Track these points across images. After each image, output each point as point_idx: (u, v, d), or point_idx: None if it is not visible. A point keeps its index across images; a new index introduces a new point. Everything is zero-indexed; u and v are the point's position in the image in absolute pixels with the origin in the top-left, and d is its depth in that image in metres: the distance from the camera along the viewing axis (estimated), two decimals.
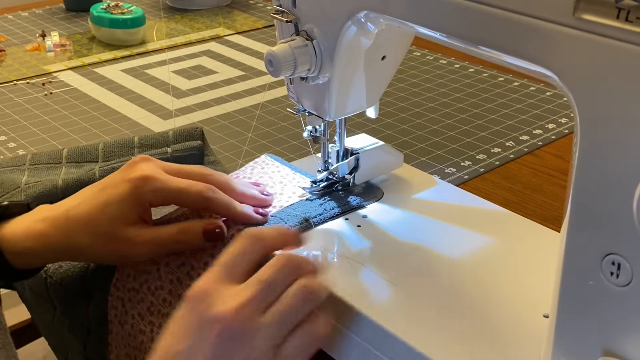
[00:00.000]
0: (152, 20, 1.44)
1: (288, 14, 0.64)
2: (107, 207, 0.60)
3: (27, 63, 1.23)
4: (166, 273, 0.63)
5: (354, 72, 0.65)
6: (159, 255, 0.63)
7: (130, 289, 0.64)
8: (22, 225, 0.62)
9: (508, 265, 0.60)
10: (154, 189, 0.60)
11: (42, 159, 0.81)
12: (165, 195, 0.60)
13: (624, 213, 0.41)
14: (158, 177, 0.60)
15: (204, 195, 0.60)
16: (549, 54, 0.43)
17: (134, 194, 0.60)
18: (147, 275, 0.63)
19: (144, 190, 0.60)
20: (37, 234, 0.61)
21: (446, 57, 1.24)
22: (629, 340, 0.43)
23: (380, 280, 0.59)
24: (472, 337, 0.53)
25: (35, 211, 0.63)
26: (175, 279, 0.62)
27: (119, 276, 0.64)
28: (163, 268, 0.63)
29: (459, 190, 0.73)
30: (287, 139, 0.96)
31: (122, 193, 0.60)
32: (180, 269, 0.62)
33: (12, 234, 0.61)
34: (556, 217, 0.78)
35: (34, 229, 0.61)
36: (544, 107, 1.05)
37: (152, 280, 0.63)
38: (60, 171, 0.79)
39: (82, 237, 0.60)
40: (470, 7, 0.48)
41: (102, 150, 0.82)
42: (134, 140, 0.83)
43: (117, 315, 0.64)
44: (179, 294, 0.61)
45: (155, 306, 0.62)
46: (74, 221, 0.60)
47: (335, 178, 0.70)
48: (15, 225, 0.62)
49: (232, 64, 1.24)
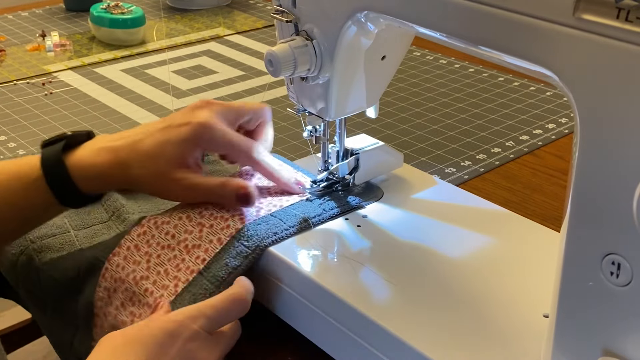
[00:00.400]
0: (152, 20, 1.44)
1: (288, 14, 0.64)
2: (167, 146, 0.64)
3: (27, 63, 1.23)
4: (155, 265, 0.63)
5: (354, 72, 0.65)
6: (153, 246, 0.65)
7: (117, 279, 0.64)
8: (87, 152, 0.65)
9: (508, 265, 0.60)
10: (210, 138, 0.64)
11: None
12: (220, 145, 0.65)
13: (624, 213, 0.41)
14: (217, 127, 0.64)
15: (253, 157, 0.66)
16: (549, 54, 0.43)
17: (192, 139, 0.64)
18: (135, 265, 0.64)
19: (203, 137, 0.64)
20: (102, 161, 0.64)
21: (446, 57, 1.24)
22: (629, 340, 0.43)
23: (380, 280, 0.59)
24: (472, 337, 0.53)
25: (97, 139, 0.67)
26: (163, 270, 0.63)
27: (109, 266, 0.65)
28: (154, 259, 0.63)
29: (459, 190, 0.73)
30: (287, 139, 0.96)
31: (182, 135, 0.64)
32: (170, 262, 0.63)
33: (80, 161, 0.65)
34: (556, 217, 0.78)
35: (100, 156, 0.65)
36: (544, 107, 1.05)
37: (140, 271, 0.64)
38: None
39: (140, 170, 0.64)
40: (470, 7, 0.48)
41: None
42: None
43: (102, 307, 0.65)
44: (162, 284, 0.62)
45: (137, 296, 0.62)
46: (137, 154, 0.64)
47: (335, 178, 0.70)
48: (82, 153, 0.65)
49: (232, 64, 1.24)
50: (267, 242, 0.62)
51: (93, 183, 0.65)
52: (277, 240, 0.62)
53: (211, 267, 0.61)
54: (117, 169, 0.64)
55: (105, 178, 0.65)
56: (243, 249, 0.62)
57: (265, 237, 0.62)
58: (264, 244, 0.62)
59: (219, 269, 0.61)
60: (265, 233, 0.63)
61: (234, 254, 0.62)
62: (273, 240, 0.62)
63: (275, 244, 0.62)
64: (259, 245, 0.62)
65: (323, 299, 0.58)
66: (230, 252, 0.62)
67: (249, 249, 0.62)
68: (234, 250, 0.62)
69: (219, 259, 0.62)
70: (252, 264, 0.62)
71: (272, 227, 0.63)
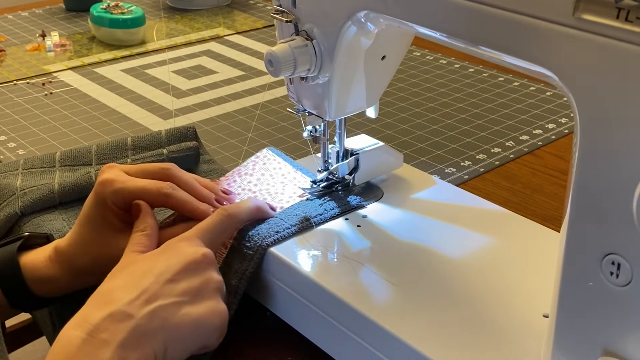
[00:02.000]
0: (152, 20, 1.44)
1: (288, 14, 0.64)
2: (82, 219, 0.63)
3: (27, 63, 1.23)
4: None
5: (354, 72, 0.65)
6: None
7: None
8: (42, 255, 0.64)
9: (508, 265, 0.60)
10: (113, 191, 0.62)
11: (36, 163, 0.81)
12: (125, 195, 0.62)
13: (624, 213, 0.41)
14: (117, 179, 0.62)
15: (163, 192, 0.62)
16: (549, 54, 0.43)
17: (97, 200, 0.62)
18: None
19: (105, 193, 0.62)
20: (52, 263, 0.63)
21: (446, 57, 1.24)
22: (629, 340, 0.43)
23: (380, 280, 0.59)
24: (472, 337, 0.53)
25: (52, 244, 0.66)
26: None
27: None
28: None
29: (459, 190, 0.73)
30: (287, 139, 0.96)
31: (88, 201, 0.63)
32: None
33: (32, 263, 0.64)
34: (556, 217, 0.78)
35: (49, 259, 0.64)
36: (544, 107, 1.05)
37: None
38: (54, 175, 0.79)
39: (80, 259, 0.63)
40: (470, 7, 0.48)
41: (96, 152, 0.81)
42: (127, 141, 0.83)
43: None
44: None
45: None
46: (65, 249, 0.63)
47: (335, 178, 0.70)
48: (36, 255, 0.64)
49: (232, 64, 1.24)
50: (268, 241, 0.62)
51: (48, 285, 0.64)
52: (279, 240, 0.62)
53: (223, 276, 0.61)
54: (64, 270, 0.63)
55: (60, 279, 0.64)
56: (246, 251, 0.62)
57: (267, 236, 0.62)
58: (265, 243, 0.62)
59: (231, 276, 0.61)
60: (266, 232, 0.63)
61: (240, 258, 0.62)
62: (275, 239, 0.62)
63: (277, 243, 0.62)
64: (260, 245, 0.62)
65: (323, 299, 0.58)
66: (235, 256, 0.62)
67: (251, 250, 0.62)
68: (239, 255, 0.62)
69: (229, 265, 0.62)
70: (259, 264, 0.62)
71: (274, 227, 0.63)
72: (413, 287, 0.58)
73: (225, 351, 0.62)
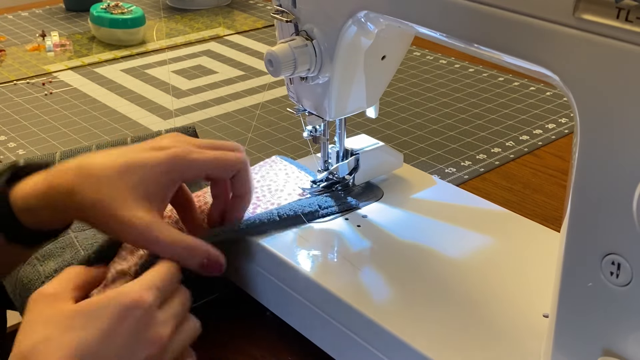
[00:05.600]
0: (152, 20, 1.44)
1: (288, 14, 0.64)
2: (130, 170, 0.53)
3: (27, 63, 1.23)
4: None
5: (354, 72, 0.65)
6: None
7: None
8: (32, 180, 0.55)
9: (508, 265, 0.60)
10: (195, 165, 0.55)
11: None
12: (204, 167, 0.56)
13: (624, 213, 0.41)
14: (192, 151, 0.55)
15: (242, 159, 0.57)
16: (549, 54, 0.43)
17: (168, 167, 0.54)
18: None
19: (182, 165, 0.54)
20: (42, 188, 0.54)
21: (446, 57, 1.24)
22: (629, 340, 0.43)
23: (380, 280, 0.59)
24: (472, 337, 0.53)
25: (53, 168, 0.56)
26: None
27: None
28: None
29: (459, 190, 0.73)
30: (287, 139, 0.96)
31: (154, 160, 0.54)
32: None
33: (21, 190, 0.55)
34: (556, 217, 0.78)
35: (40, 183, 0.54)
36: (544, 107, 1.05)
37: None
38: None
39: (85, 199, 0.52)
40: (470, 7, 0.48)
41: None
42: (126, 141, 0.83)
43: None
44: None
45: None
46: (85, 174, 0.53)
47: (335, 178, 0.70)
48: (26, 182, 0.55)
49: (232, 64, 1.24)
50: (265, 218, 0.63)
51: (39, 215, 0.54)
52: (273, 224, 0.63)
53: None
54: (59, 195, 0.53)
55: (48, 208, 0.54)
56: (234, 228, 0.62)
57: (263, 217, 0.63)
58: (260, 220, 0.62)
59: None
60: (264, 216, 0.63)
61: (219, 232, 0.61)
62: (269, 219, 0.63)
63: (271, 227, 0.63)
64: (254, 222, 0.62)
65: (323, 299, 0.58)
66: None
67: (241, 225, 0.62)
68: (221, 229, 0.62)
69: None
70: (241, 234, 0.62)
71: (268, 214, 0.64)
72: (413, 287, 0.58)
73: (225, 351, 0.62)
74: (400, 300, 0.57)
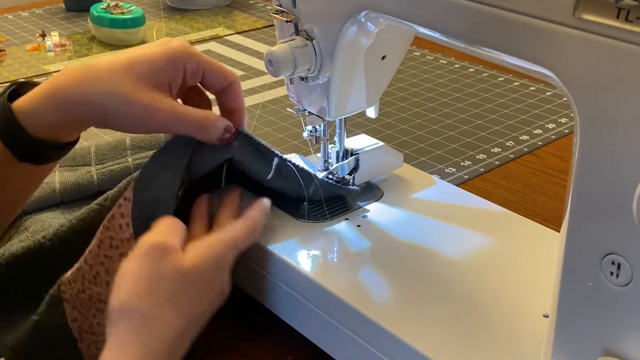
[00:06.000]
0: (152, 20, 1.44)
1: (288, 14, 0.64)
2: (136, 64, 0.54)
3: (27, 63, 1.23)
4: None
5: (354, 72, 0.65)
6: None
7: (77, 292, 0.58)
8: (35, 89, 0.54)
9: (508, 265, 0.60)
10: (195, 54, 0.57)
11: None
12: (203, 62, 0.57)
13: (623, 213, 0.41)
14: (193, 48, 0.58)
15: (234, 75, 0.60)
16: (549, 53, 0.43)
17: (171, 56, 0.55)
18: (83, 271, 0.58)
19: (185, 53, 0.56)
20: (49, 88, 0.53)
21: (446, 57, 1.24)
22: (629, 340, 0.43)
23: (380, 280, 0.59)
24: (472, 337, 0.53)
25: None
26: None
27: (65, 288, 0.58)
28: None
29: (459, 190, 0.73)
30: (287, 139, 0.96)
31: (157, 52, 0.55)
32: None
33: (27, 97, 0.54)
34: (556, 217, 0.78)
35: (45, 85, 0.54)
36: (544, 107, 1.05)
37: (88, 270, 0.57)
38: (54, 175, 0.79)
39: (98, 91, 0.52)
40: (470, 7, 0.48)
41: (95, 153, 0.81)
42: (125, 142, 0.82)
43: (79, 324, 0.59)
44: None
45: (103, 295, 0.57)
46: (93, 72, 0.53)
47: (335, 178, 0.70)
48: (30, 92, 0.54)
49: (232, 64, 1.24)
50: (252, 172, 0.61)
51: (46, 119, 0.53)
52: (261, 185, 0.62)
53: None
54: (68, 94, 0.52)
55: (56, 111, 0.52)
56: None
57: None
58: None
59: None
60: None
61: None
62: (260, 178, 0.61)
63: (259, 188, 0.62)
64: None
65: (323, 299, 0.58)
66: None
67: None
68: None
69: None
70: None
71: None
72: (413, 286, 0.58)
73: (226, 350, 0.62)
74: (401, 300, 0.57)
